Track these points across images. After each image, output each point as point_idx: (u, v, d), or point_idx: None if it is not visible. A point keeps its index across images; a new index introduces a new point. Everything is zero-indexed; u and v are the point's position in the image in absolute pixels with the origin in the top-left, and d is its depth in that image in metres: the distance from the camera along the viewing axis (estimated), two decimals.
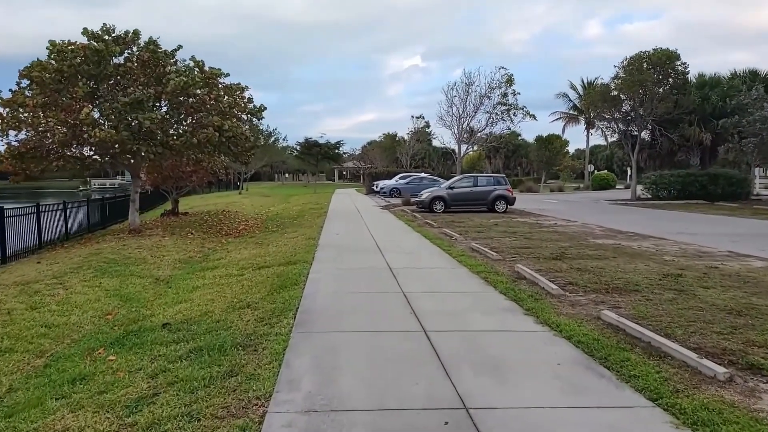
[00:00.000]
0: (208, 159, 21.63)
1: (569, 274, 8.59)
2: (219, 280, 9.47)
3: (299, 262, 10.05)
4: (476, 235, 14.45)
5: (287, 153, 73.32)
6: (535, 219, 19.77)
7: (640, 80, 29.82)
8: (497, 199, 22.83)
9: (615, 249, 11.58)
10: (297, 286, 7.93)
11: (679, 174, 31.53)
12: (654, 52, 30.49)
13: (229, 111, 17.35)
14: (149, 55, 16.47)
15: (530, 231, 15.39)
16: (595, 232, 15.39)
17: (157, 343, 5.87)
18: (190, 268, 11.33)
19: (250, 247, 13.72)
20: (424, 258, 10.66)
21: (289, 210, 27.92)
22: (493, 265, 9.64)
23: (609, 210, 25.93)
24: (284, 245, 13.10)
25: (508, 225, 17.28)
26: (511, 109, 26.85)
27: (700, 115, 30.88)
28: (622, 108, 33.17)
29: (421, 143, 60.10)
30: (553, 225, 17.45)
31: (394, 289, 7.67)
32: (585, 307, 6.54)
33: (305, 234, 15.06)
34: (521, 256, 10.70)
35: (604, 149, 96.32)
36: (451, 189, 23.11)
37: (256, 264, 10.68)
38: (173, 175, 23.34)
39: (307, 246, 12.41)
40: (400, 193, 36.84)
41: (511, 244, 12.42)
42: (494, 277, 8.39)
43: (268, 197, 45.19)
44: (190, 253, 13.66)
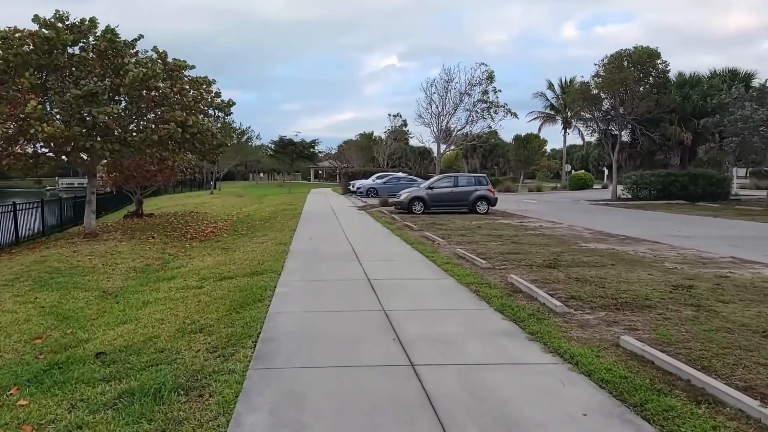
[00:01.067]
0: (173, 157, 20.36)
1: (569, 286, 7.68)
2: (174, 293, 8.33)
3: (266, 273, 8.95)
4: (460, 239, 13.51)
5: (262, 152, 71.70)
6: (518, 221, 18.95)
7: (621, 78, 29.34)
8: (478, 200, 21.97)
9: (611, 255, 10.74)
10: (261, 303, 6.84)
11: (660, 174, 31.16)
12: (635, 50, 30.05)
13: (194, 106, 16.11)
14: (106, 45, 15.15)
15: (516, 234, 14.52)
16: (584, 235, 14.59)
17: (83, 381, 4.75)
18: (145, 279, 10.14)
19: (215, 253, 12.55)
20: (406, 267, 9.65)
21: (261, 211, 26.67)
22: (483, 274, 8.68)
23: (592, 211, 25.32)
24: (252, 251, 11.97)
25: (492, 227, 16.40)
26: (491, 107, 26.09)
27: (680, 115, 30.57)
28: (602, 107, 32.71)
29: (399, 142, 59.12)
30: (538, 227, 16.63)
31: (373, 306, 6.64)
32: (597, 330, 5.61)
33: (276, 238, 13.93)
34: (512, 263, 9.77)
35: (579, 149, 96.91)
36: (431, 189, 22.17)
37: (218, 274, 9.54)
38: (136, 174, 21.93)
39: (277, 252, 11.30)
40: (378, 193, 35.84)
41: (498, 250, 11.50)
42: (486, 290, 7.42)
43: (241, 197, 43.73)
44: (148, 260, 12.43)
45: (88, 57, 15.19)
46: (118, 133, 14.82)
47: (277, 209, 26.66)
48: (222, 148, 18.85)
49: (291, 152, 57.54)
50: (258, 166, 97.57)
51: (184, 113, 15.12)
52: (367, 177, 43.14)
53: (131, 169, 21.52)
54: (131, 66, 14.65)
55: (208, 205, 31.99)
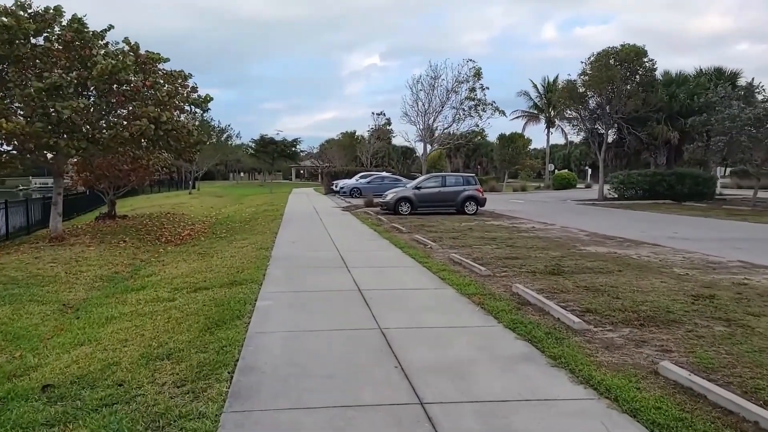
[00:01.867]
0: (147, 156, 19.36)
1: (580, 297, 6.99)
2: (142, 307, 7.45)
3: (246, 283, 8.12)
4: (452, 242, 12.79)
5: (242, 151, 70.40)
6: (509, 222, 18.31)
7: (609, 77, 28.93)
8: (467, 200, 21.31)
9: (615, 260, 10.11)
10: (240, 320, 6.02)
11: (647, 173, 30.88)
12: (622, 48, 29.68)
13: (169, 101, 15.13)
14: (73, 35, 14.11)
15: (510, 236, 13.86)
16: (580, 237, 13.99)
17: (21, 426, 3.91)
18: (112, 289, 9.22)
19: (190, 259, 11.66)
20: (399, 275, 8.89)
21: (241, 212, 25.70)
22: (484, 283, 7.96)
23: (581, 211, 24.84)
24: (231, 257, 11.10)
25: (484, 229, 15.73)
26: (479, 104, 25.44)
27: (667, 114, 30.31)
28: (588, 105, 32.32)
29: (382, 141, 58.35)
30: (531, 229, 16.00)
31: (368, 324, 5.87)
32: (626, 352, 4.91)
33: (257, 242, 13.07)
34: (512, 270, 9.08)
35: (561, 148, 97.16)
36: (418, 189, 21.45)
37: (193, 284, 8.68)
38: (109, 174, 20.82)
39: (257, 259, 10.46)
40: (361, 193, 35.11)
41: (495, 254, 10.81)
42: (492, 302, 6.69)
43: (220, 198, 42.59)
44: (116, 267, 11.48)
45: (53, 48, 14.16)
46: (85, 129, 13.81)
47: (257, 210, 25.72)
48: (199, 147, 17.90)
49: (272, 151, 56.51)
50: (238, 166, 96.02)
51: (157, 109, 14.16)
52: (350, 176, 42.35)
53: (103, 168, 20.41)
54: (99, 58, 13.66)
55: (186, 206, 30.88)
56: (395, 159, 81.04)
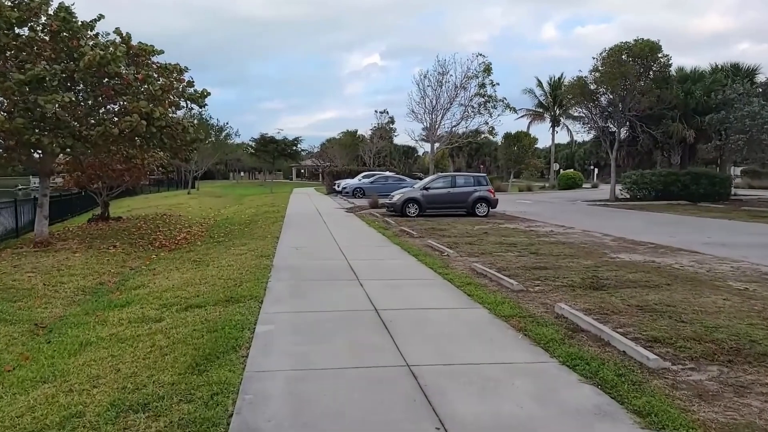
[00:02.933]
0: (141, 155, 18.31)
1: (637, 319, 5.94)
2: (124, 329, 6.40)
3: (244, 300, 7.06)
4: (470, 248, 11.74)
5: (242, 150, 69.30)
6: (525, 225, 17.25)
7: (622, 72, 27.86)
8: (478, 202, 20.25)
9: (657, 270, 9.05)
10: (236, 353, 4.98)
11: (661, 173, 29.81)
12: (635, 43, 28.59)
13: (162, 96, 14.07)
14: (59, 24, 13.06)
15: (531, 242, 12.80)
16: (606, 242, 12.93)
17: None
18: (94, 304, 8.17)
19: (184, 268, 10.60)
20: (418, 289, 7.83)
21: (241, 213, 24.66)
22: (519, 300, 6.91)
23: (595, 213, 23.77)
24: (228, 266, 10.05)
25: (500, 233, 14.67)
26: (490, 101, 24.35)
27: (682, 111, 29.22)
28: (599, 103, 31.26)
29: (385, 140, 57.22)
30: (550, 233, 14.94)
31: (392, 359, 4.82)
32: (728, 404, 3.85)
33: (257, 248, 12.01)
34: (546, 283, 8.02)
35: (564, 147, 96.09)
36: (426, 190, 20.38)
37: (184, 299, 7.62)
38: (101, 173, 19.80)
39: (258, 268, 9.40)
40: (365, 194, 34.06)
41: (521, 263, 9.75)
42: (535, 327, 5.63)
43: (220, 198, 41.58)
44: (102, 276, 10.43)
45: (38, 38, 13.11)
46: (72, 126, 12.77)
47: (258, 211, 24.68)
48: (196, 145, 16.83)
49: (272, 150, 55.37)
50: (238, 165, 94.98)
51: (149, 104, 13.12)
52: (352, 176, 41.29)
53: (95, 168, 19.38)
54: (87, 48, 12.62)
55: (184, 207, 29.85)
56: (397, 158, 79.97)
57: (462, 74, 24.39)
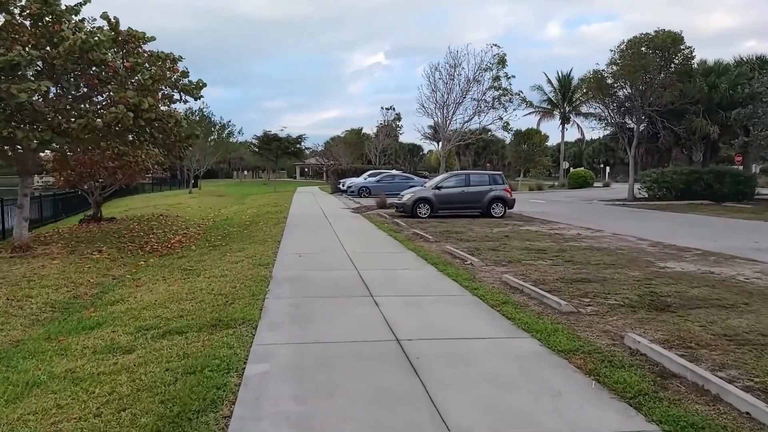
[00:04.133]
0: (133, 152, 17.05)
1: (735, 357, 4.63)
2: (84, 364, 5.13)
3: (235, 324, 5.79)
4: (494, 255, 10.42)
5: (245, 148, 68.10)
6: (547, 227, 15.91)
7: (643, 65, 26.45)
8: (494, 202, 18.91)
9: (722, 284, 7.72)
10: (214, 411, 3.69)
11: (683, 171, 28.39)
12: (656, 34, 27.18)
13: (153, 86, 12.81)
14: (39, 7, 11.81)
15: (560, 247, 11.48)
16: (645, 248, 11.60)
17: None
18: (59, 325, 6.90)
19: (171, 278, 9.33)
20: (445, 310, 6.52)
21: (241, 214, 23.39)
22: (574, 326, 5.60)
23: (616, 213, 22.40)
24: (221, 276, 8.77)
25: (523, 237, 13.35)
26: (505, 94, 22.92)
27: (706, 106, 27.77)
28: (616, 98, 29.86)
29: (390, 138, 55.86)
30: (577, 236, 13.61)
31: (427, 417, 3.52)
32: None
33: (255, 255, 10.73)
34: (595, 300, 6.72)
35: (572, 146, 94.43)
36: (439, 189, 19.05)
37: (164, 321, 6.35)
38: (92, 172, 18.57)
39: (254, 280, 8.12)
40: (370, 193, 32.79)
41: (558, 274, 8.44)
42: (612, 372, 4.31)
43: (221, 197, 40.32)
44: (79, 288, 9.18)
45: (15, 22, 11.87)
46: (51, 117, 11.52)
47: (259, 211, 23.42)
48: (191, 141, 15.57)
49: (276, 148, 54.13)
50: (242, 164, 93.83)
51: (137, 94, 11.86)
52: (357, 175, 39.98)
53: (85, 165, 18.16)
54: (68, 32, 11.37)
55: (183, 207, 28.60)
56: (402, 156, 78.58)
57: (475, 66, 22.99)
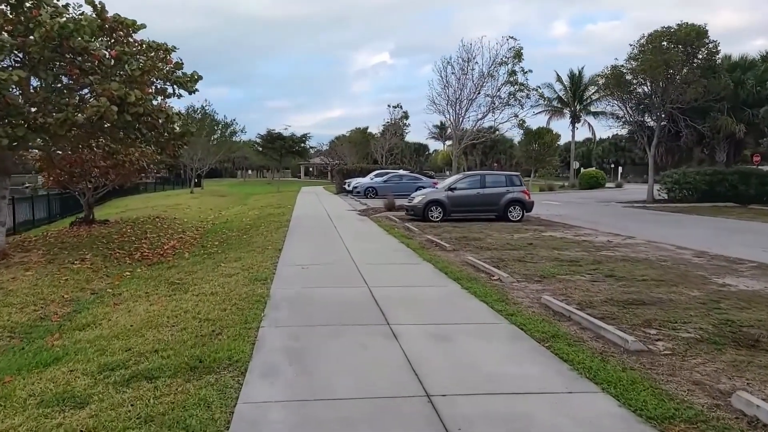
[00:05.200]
0: (125, 150, 15.91)
1: None
2: (20, 426, 3.93)
3: (219, 367, 4.57)
4: (523, 268, 9.17)
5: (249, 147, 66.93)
6: (572, 233, 14.64)
7: (665, 60, 25.10)
8: (511, 204, 17.65)
9: None
10: None
11: (706, 172, 27.04)
12: (679, 27, 25.83)
13: (142, 77, 11.63)
14: None
15: (594, 258, 10.22)
16: (689, 259, 10.32)
17: None
18: (9, 361, 5.70)
19: (156, 294, 8.12)
20: (482, 346, 5.29)
21: (242, 216, 22.21)
22: (654, 374, 4.36)
23: (640, 216, 21.10)
24: (211, 294, 7.56)
25: (549, 245, 12.09)
26: (522, 89, 21.59)
27: (731, 103, 26.39)
28: (634, 94, 28.51)
29: (397, 137, 54.52)
30: (608, 244, 12.35)
31: None
32: None
33: (253, 266, 9.52)
34: (663, 332, 5.47)
35: (580, 145, 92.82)
36: (452, 191, 17.80)
37: (136, 357, 5.15)
38: (82, 171, 17.43)
39: (248, 302, 6.91)
40: (377, 193, 31.59)
41: (603, 293, 7.19)
42: None
43: (224, 197, 39.20)
44: (50, 305, 7.99)
45: None
46: (26, 112, 10.36)
47: (261, 213, 22.25)
48: (186, 138, 14.39)
49: (280, 147, 52.89)
50: (246, 163, 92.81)
51: (123, 86, 10.68)
52: (363, 175, 38.76)
53: (75, 164, 17.03)
54: (45, 16, 10.19)
55: (182, 208, 27.47)
56: (407, 156, 77.26)
57: (490, 60, 21.66)
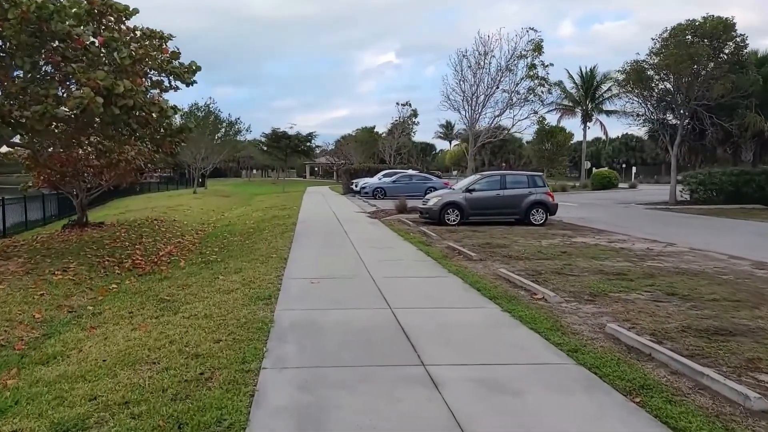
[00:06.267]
0: (118, 148, 14.77)
1: None
2: None
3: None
4: (566, 283, 7.94)
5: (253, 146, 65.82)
6: (604, 239, 13.38)
7: (691, 54, 23.77)
8: (534, 207, 16.41)
9: None
10: None
11: (732, 173, 25.71)
12: (705, 20, 24.48)
13: (133, 67, 10.47)
14: None
15: (644, 271, 8.97)
16: (750, 270, 9.07)
17: None
18: None
19: (141, 315, 6.93)
20: (553, 403, 4.07)
21: (246, 218, 21.04)
22: None
23: (669, 219, 19.80)
24: (204, 317, 6.36)
25: (584, 253, 10.84)
26: (545, 83, 20.24)
27: (760, 100, 25.05)
28: (656, 90, 27.17)
29: (406, 136, 53.28)
30: (650, 252, 11.09)
31: None
32: None
33: (254, 280, 8.32)
34: None
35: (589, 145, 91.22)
36: (470, 192, 16.56)
37: (100, 409, 3.99)
38: (74, 171, 16.31)
39: (247, 329, 5.71)
40: (386, 194, 30.41)
41: (676, 319, 5.95)
42: None
43: (227, 198, 38.06)
44: (16, 329, 6.80)
45: None
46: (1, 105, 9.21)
47: (266, 215, 21.07)
48: (184, 135, 13.24)
49: (285, 146, 51.71)
50: (251, 163, 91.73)
51: (111, 75, 9.52)
52: (371, 174, 37.55)
53: (69, 163, 15.91)
54: None
55: (184, 209, 26.32)
56: (414, 156, 76.03)
57: (508, 53, 20.35)
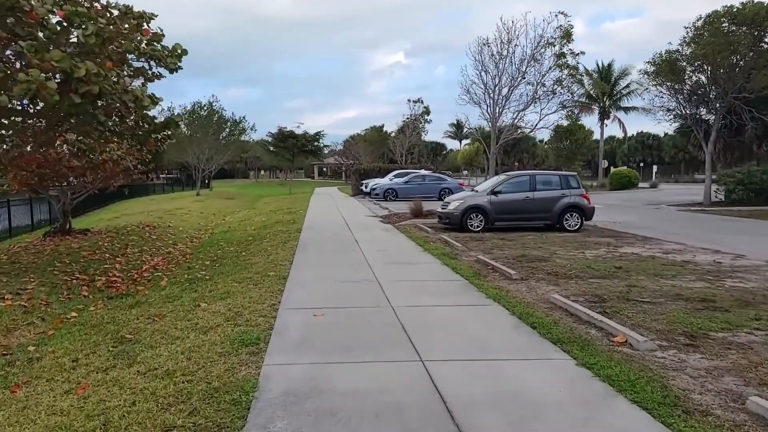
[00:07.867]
0: (99, 147, 13.09)
1: None
2: None
3: None
4: (644, 315, 6.11)
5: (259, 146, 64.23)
6: (656, 249, 11.49)
7: (729, 42, 21.80)
8: (568, 211, 14.54)
9: None
10: None
11: None
12: (744, 6, 22.51)
13: (102, 47, 8.75)
14: None
15: (732, 295, 7.13)
16: None
17: None
18: None
19: (88, 363, 5.22)
20: None
21: (247, 223, 19.32)
22: None
23: (714, 224, 17.84)
24: (165, 375, 4.61)
25: (645, 269, 8.98)
26: (576, 73, 18.29)
27: None
28: (688, 83, 25.19)
29: (417, 134, 51.42)
30: (721, 266, 9.22)
31: None
32: None
33: (243, 309, 6.56)
34: None
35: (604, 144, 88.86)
36: (496, 195, 14.72)
37: None
38: (54, 173, 14.65)
39: (217, 401, 3.94)
40: (397, 195, 28.69)
41: None
42: None
43: (231, 200, 36.38)
44: None
45: None
46: None
47: (269, 220, 19.36)
48: (170, 132, 11.54)
49: (292, 146, 49.98)
50: (258, 163, 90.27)
51: (70, 56, 7.81)
52: (382, 175, 35.81)
53: (47, 164, 14.25)
54: None
55: (182, 213, 24.64)
56: (425, 155, 74.18)
57: (534, 41, 18.45)
